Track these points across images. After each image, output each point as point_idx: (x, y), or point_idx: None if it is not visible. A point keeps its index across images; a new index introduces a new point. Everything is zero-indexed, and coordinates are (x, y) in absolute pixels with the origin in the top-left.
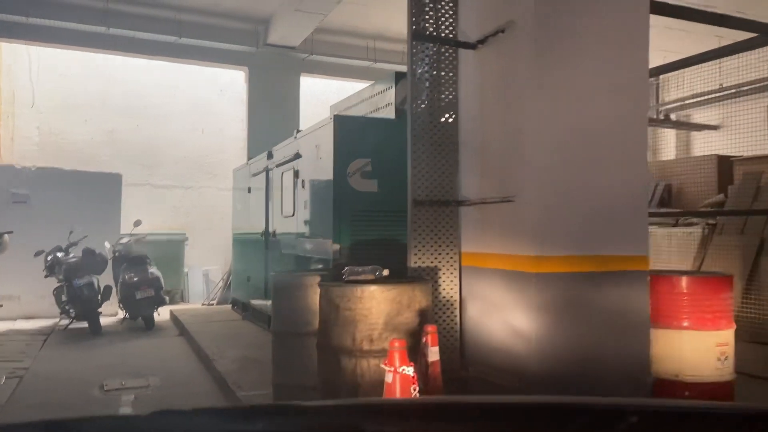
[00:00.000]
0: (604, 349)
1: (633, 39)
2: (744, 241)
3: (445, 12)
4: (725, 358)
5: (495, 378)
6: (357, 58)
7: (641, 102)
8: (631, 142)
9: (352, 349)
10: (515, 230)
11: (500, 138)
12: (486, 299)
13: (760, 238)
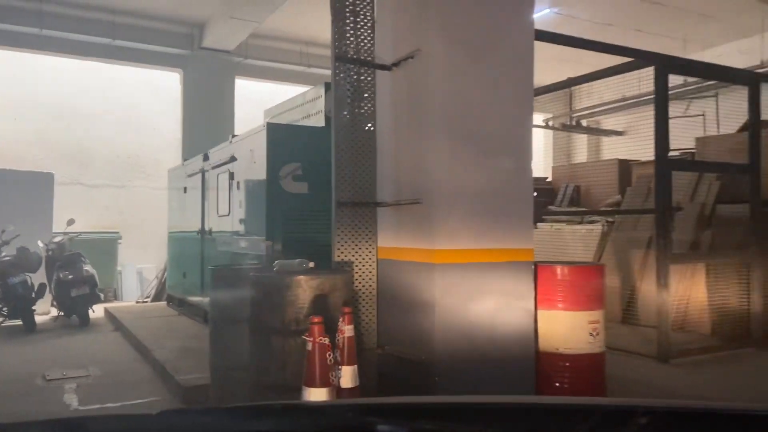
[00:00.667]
0: (496, 327)
1: (521, 62)
2: (636, 236)
3: (364, 38)
4: (597, 333)
5: (404, 354)
6: (291, 62)
7: (527, 117)
8: (519, 153)
9: (281, 329)
10: (422, 228)
11: (410, 147)
12: (399, 287)
13: (650, 234)
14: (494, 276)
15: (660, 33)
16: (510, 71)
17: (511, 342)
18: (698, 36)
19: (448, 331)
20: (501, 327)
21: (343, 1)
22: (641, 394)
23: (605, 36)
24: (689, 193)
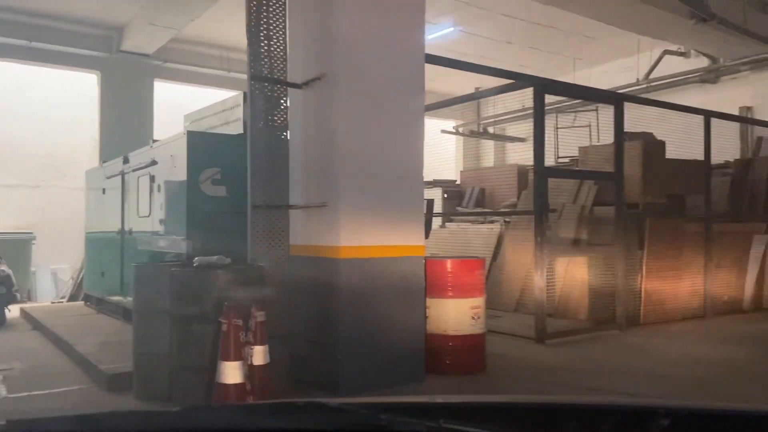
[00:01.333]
0: (392, 312)
1: (413, 84)
2: (528, 234)
3: (277, 59)
4: (478, 317)
5: (312, 338)
6: (212, 67)
7: (419, 134)
8: (411, 164)
9: (201, 317)
10: (329, 227)
11: (318, 157)
12: (308, 279)
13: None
14: (390, 269)
15: (553, 51)
16: (404, 92)
17: (405, 326)
18: (586, 54)
19: (350, 316)
20: (396, 313)
21: (258, 26)
22: (516, 367)
23: (505, 52)
24: (573, 196)
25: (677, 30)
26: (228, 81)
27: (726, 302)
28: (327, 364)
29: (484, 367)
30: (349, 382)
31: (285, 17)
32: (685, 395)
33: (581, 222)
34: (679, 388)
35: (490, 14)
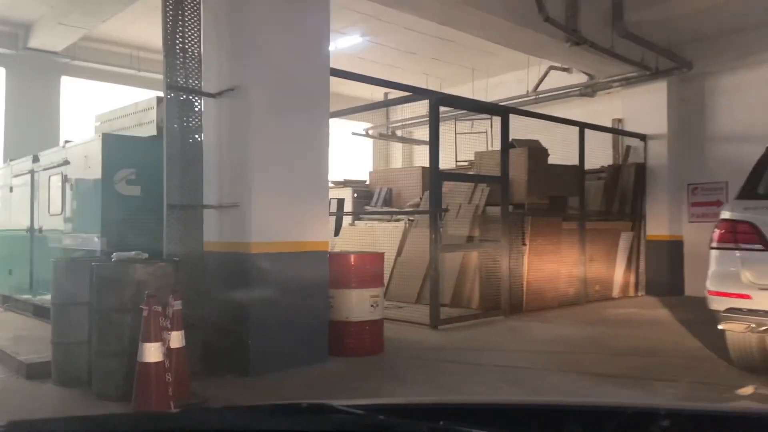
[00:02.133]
0: (299, 301)
1: (319, 95)
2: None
3: (192, 70)
4: (376, 305)
5: (224, 324)
6: (122, 65)
7: (324, 141)
8: (318, 168)
9: (120, 307)
10: (241, 225)
11: (231, 161)
12: (223, 272)
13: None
14: (297, 262)
15: (453, 62)
16: (311, 102)
17: (310, 313)
18: (483, 66)
19: (260, 305)
20: (302, 302)
21: (174, 38)
22: (410, 348)
23: (410, 61)
24: (468, 197)
25: (556, 51)
26: (137, 79)
27: (597, 291)
28: (238, 348)
29: (382, 349)
30: (258, 364)
31: (200, 30)
32: (544, 364)
33: (475, 220)
34: (540, 358)
35: (395, 27)
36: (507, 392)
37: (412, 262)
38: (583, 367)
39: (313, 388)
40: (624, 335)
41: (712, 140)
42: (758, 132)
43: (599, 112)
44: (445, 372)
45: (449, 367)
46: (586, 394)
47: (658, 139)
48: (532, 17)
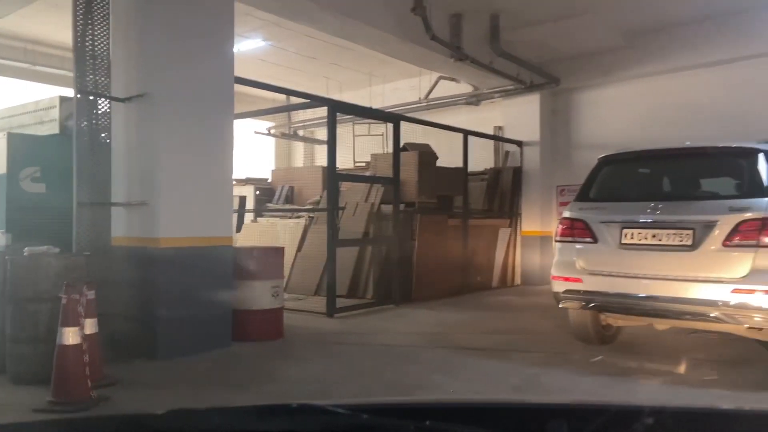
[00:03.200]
0: (204, 292)
1: (223, 101)
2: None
3: (101, 76)
4: (277, 295)
5: (134, 313)
6: (15, 59)
7: (229, 142)
8: (222, 169)
9: (34, 298)
10: (150, 221)
11: (140, 161)
12: (132, 266)
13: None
14: (203, 256)
15: (351, 68)
16: (216, 107)
17: (215, 303)
18: (380, 73)
19: (167, 295)
20: (207, 292)
21: (84, 46)
22: (307, 334)
23: (309, 66)
24: (365, 195)
25: (443, 65)
26: (32, 74)
27: (479, 281)
28: (146, 335)
29: (281, 334)
30: (165, 349)
31: (109, 37)
32: (424, 342)
33: (371, 217)
34: (421, 338)
35: (296, 34)
36: (390, 364)
37: (311, 256)
38: (456, 343)
39: (215, 368)
40: (496, 318)
41: (576, 147)
42: (613, 141)
43: (483, 119)
44: (338, 351)
45: (342, 347)
46: (455, 364)
47: (532, 145)
48: (419, 35)
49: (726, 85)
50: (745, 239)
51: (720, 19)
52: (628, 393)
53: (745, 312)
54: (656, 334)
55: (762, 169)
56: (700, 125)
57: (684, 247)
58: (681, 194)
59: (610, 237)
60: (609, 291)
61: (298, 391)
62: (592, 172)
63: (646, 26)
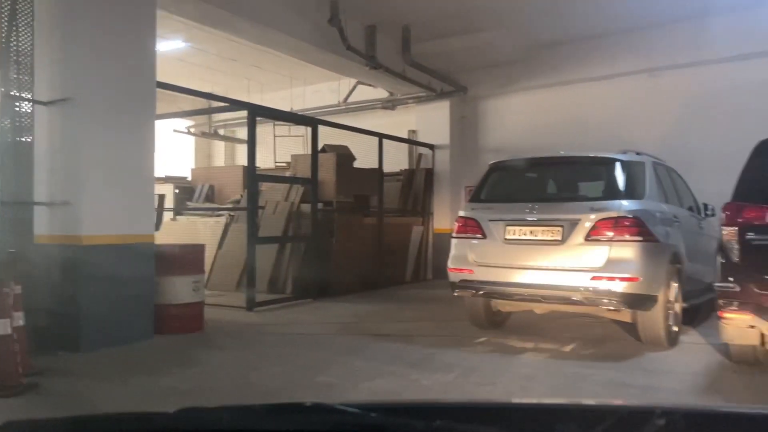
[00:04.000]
0: (127, 287)
1: (146, 105)
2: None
3: (25, 82)
4: (197, 289)
5: (57, 307)
6: None
7: (150, 144)
8: (144, 170)
9: None
10: (74, 220)
11: (64, 162)
12: (56, 261)
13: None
14: (125, 253)
15: (272, 70)
16: (138, 111)
17: (137, 297)
18: (301, 75)
19: (90, 290)
20: (130, 288)
21: (9, 52)
22: (227, 326)
23: (230, 67)
24: (285, 195)
25: (359, 72)
26: None
27: (394, 275)
28: (70, 328)
29: (202, 327)
30: (88, 342)
31: (32, 42)
32: (337, 331)
33: (291, 216)
34: (335, 327)
35: (217, 36)
36: (305, 349)
37: (232, 254)
38: (366, 331)
39: (138, 356)
40: (405, 309)
41: (483, 150)
42: (514, 146)
43: (399, 122)
44: (256, 340)
45: (260, 336)
46: (362, 347)
47: (443, 148)
48: (336, 44)
49: (608, 98)
50: (602, 235)
51: (607, 38)
52: (508, 365)
53: (601, 295)
54: (539, 318)
55: (618, 175)
56: (586, 134)
57: (555, 241)
58: (554, 196)
59: (497, 233)
60: (496, 280)
61: (220, 374)
62: (484, 176)
63: (544, 42)
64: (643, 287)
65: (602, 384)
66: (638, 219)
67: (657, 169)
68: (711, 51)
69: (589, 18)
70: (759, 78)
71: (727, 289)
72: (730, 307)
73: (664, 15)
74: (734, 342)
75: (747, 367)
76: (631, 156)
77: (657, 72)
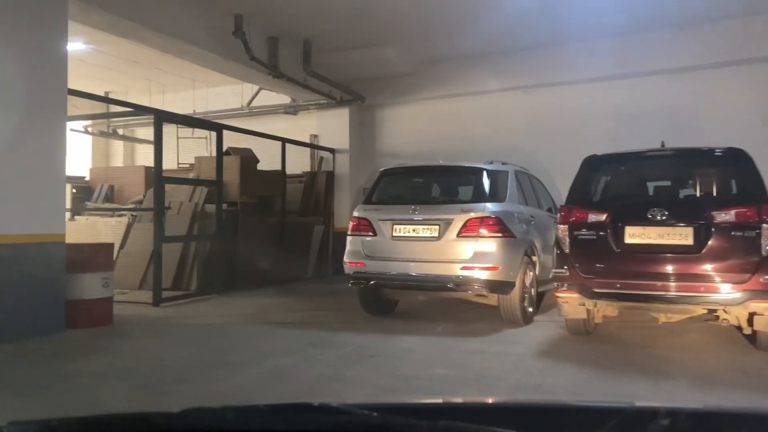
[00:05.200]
0: (38, 283)
1: (57, 110)
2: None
3: None
4: (107, 285)
5: None
6: None
7: (61, 147)
8: (54, 171)
9: None
10: None
11: None
12: None
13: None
14: (36, 251)
15: (175, 72)
16: (51, 115)
17: (48, 294)
18: (203, 78)
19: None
20: (41, 283)
21: None
22: (135, 320)
23: (132, 70)
24: (189, 195)
25: (263, 80)
26: None
27: (296, 272)
28: None
29: (111, 321)
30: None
31: None
32: (240, 321)
33: (195, 215)
34: (239, 318)
35: (118, 40)
36: (211, 337)
37: (135, 253)
38: (269, 320)
39: (51, 348)
40: (306, 301)
41: (380, 155)
42: (407, 152)
43: (301, 126)
44: (165, 331)
45: (169, 328)
46: (264, 333)
47: (342, 152)
48: (240, 55)
49: (488, 110)
50: (470, 232)
51: (488, 57)
52: (392, 341)
53: (470, 282)
54: (422, 305)
55: (485, 182)
56: (470, 142)
57: (433, 238)
58: (433, 199)
59: (386, 231)
60: (384, 272)
61: (135, 358)
62: (375, 181)
63: (433, 58)
64: (502, 275)
65: (466, 352)
66: (499, 218)
67: (519, 176)
68: (571, 73)
69: (471, 38)
70: (604, 98)
71: (560, 274)
72: (562, 289)
73: (531, 40)
74: (569, 317)
75: (580, 336)
76: (497, 165)
77: (529, 89)
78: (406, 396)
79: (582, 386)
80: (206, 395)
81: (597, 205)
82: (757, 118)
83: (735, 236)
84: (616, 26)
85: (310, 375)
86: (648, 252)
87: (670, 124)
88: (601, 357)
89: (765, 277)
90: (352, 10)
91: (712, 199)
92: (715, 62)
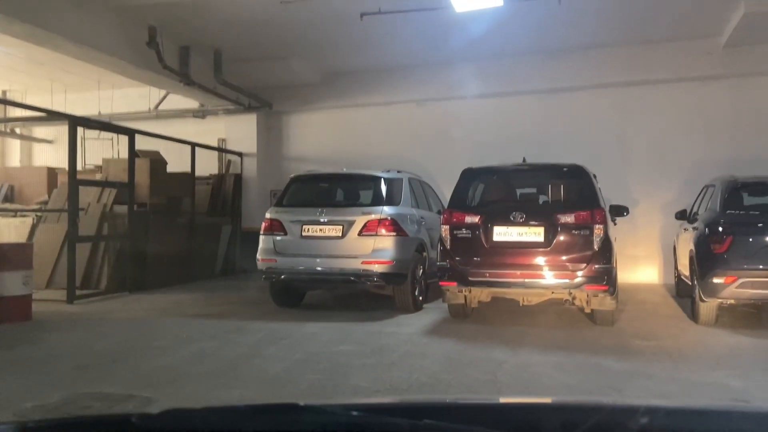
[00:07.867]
0: None
1: None
2: (59, 226)
3: None
4: (27, 283)
5: None
6: None
7: None
8: None
9: None
10: None
11: None
12: None
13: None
14: None
15: (80, 73)
16: None
17: None
18: (109, 79)
19: None
20: None
21: None
22: (53, 316)
23: (38, 71)
24: (97, 197)
25: (174, 87)
26: None
27: (205, 270)
28: None
29: (31, 317)
30: None
31: None
32: (157, 314)
33: (103, 216)
34: (155, 313)
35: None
36: (131, 329)
37: (42, 253)
38: (185, 313)
39: None
40: (217, 296)
41: (287, 159)
42: (313, 156)
43: (209, 130)
44: (85, 325)
45: (88, 322)
46: (182, 324)
47: (250, 156)
48: (153, 63)
49: (387, 120)
50: (369, 231)
51: (386, 71)
52: (300, 328)
53: (368, 275)
54: (329, 297)
55: (382, 188)
56: (371, 149)
57: (337, 236)
58: (338, 203)
59: (296, 231)
60: (293, 268)
61: (65, 346)
62: (286, 186)
63: (337, 70)
64: (395, 268)
65: (365, 332)
66: (394, 219)
67: (412, 182)
68: (458, 89)
69: (371, 53)
70: (485, 113)
71: (442, 266)
72: (444, 279)
73: (423, 59)
74: (450, 302)
75: (459, 318)
76: (393, 173)
77: (422, 102)
78: (316, 367)
79: (456, 353)
80: (143, 371)
81: (472, 209)
82: (612, 135)
83: (575, 234)
84: (494, 50)
85: (233, 354)
86: (510, 247)
87: (538, 140)
88: (474, 333)
89: (595, 266)
90: (258, 25)
91: (559, 205)
92: (578, 85)
